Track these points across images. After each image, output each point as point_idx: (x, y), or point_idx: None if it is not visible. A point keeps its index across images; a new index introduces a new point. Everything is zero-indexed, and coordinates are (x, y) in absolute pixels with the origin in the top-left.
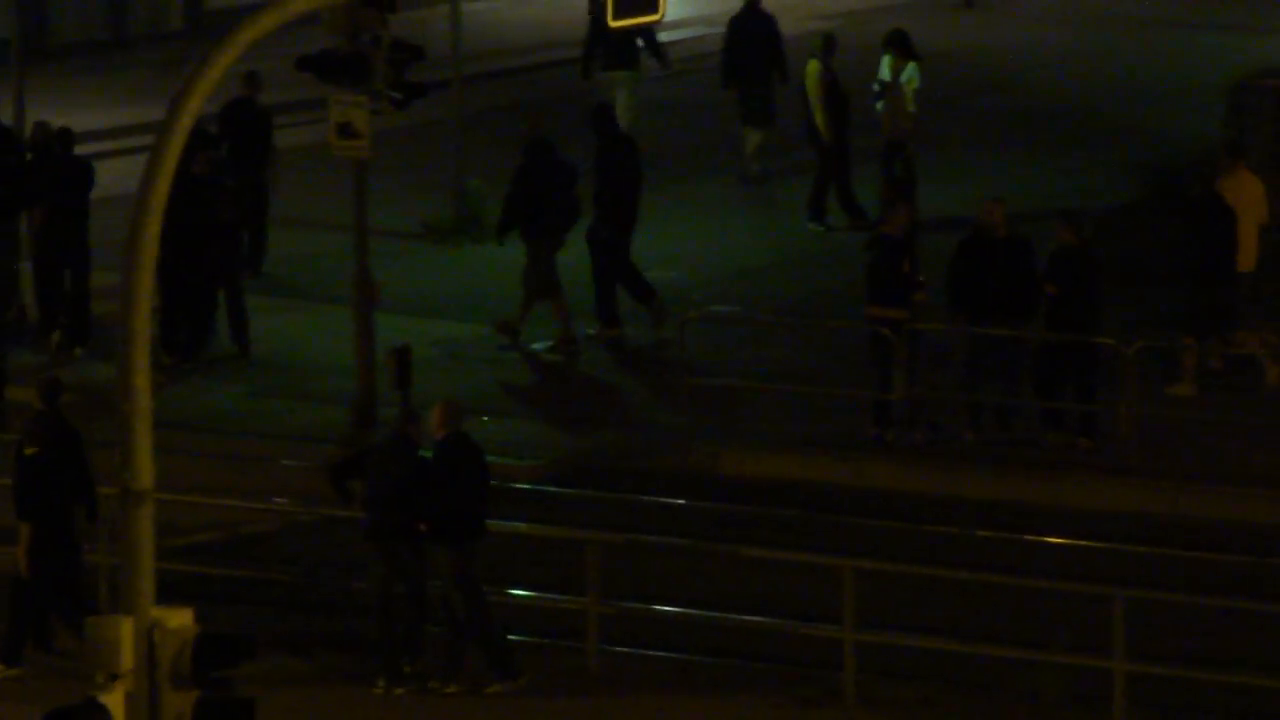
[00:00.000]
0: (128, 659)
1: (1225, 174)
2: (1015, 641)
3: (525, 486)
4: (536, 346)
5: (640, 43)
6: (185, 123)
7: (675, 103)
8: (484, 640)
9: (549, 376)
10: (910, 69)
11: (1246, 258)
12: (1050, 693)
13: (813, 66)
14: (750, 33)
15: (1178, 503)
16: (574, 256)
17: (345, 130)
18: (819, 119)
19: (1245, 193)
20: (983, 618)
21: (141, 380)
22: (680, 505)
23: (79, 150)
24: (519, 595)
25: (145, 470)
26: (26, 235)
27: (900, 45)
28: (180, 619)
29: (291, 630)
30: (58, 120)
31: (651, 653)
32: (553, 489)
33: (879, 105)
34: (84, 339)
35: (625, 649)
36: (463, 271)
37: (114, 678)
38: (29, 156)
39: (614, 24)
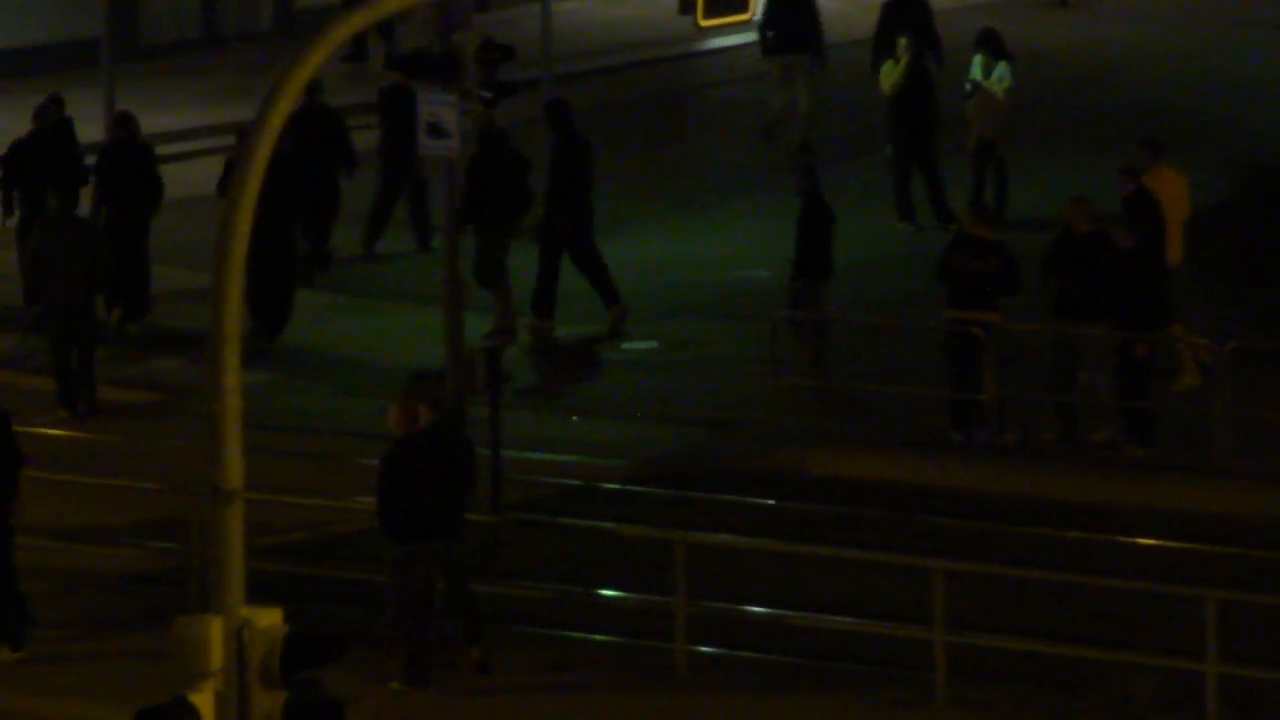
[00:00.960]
0: (217, 658)
1: (1148, 170)
2: (1106, 643)
3: (613, 486)
4: (630, 346)
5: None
6: (276, 122)
7: (763, 102)
8: (406, 641)
9: (637, 376)
10: (1002, 68)
11: (1174, 252)
12: (1142, 695)
13: (889, 65)
14: (902, 13)
15: (1270, 504)
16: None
17: (435, 129)
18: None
19: (1169, 188)
20: (1073, 619)
21: (230, 380)
22: (768, 505)
23: (169, 150)
24: (607, 595)
25: (235, 470)
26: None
27: (992, 44)
28: (270, 618)
29: (380, 630)
30: (147, 119)
31: (739, 653)
32: (641, 489)
33: (970, 104)
34: (140, 315)
35: (713, 649)
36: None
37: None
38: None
39: (704, 23)
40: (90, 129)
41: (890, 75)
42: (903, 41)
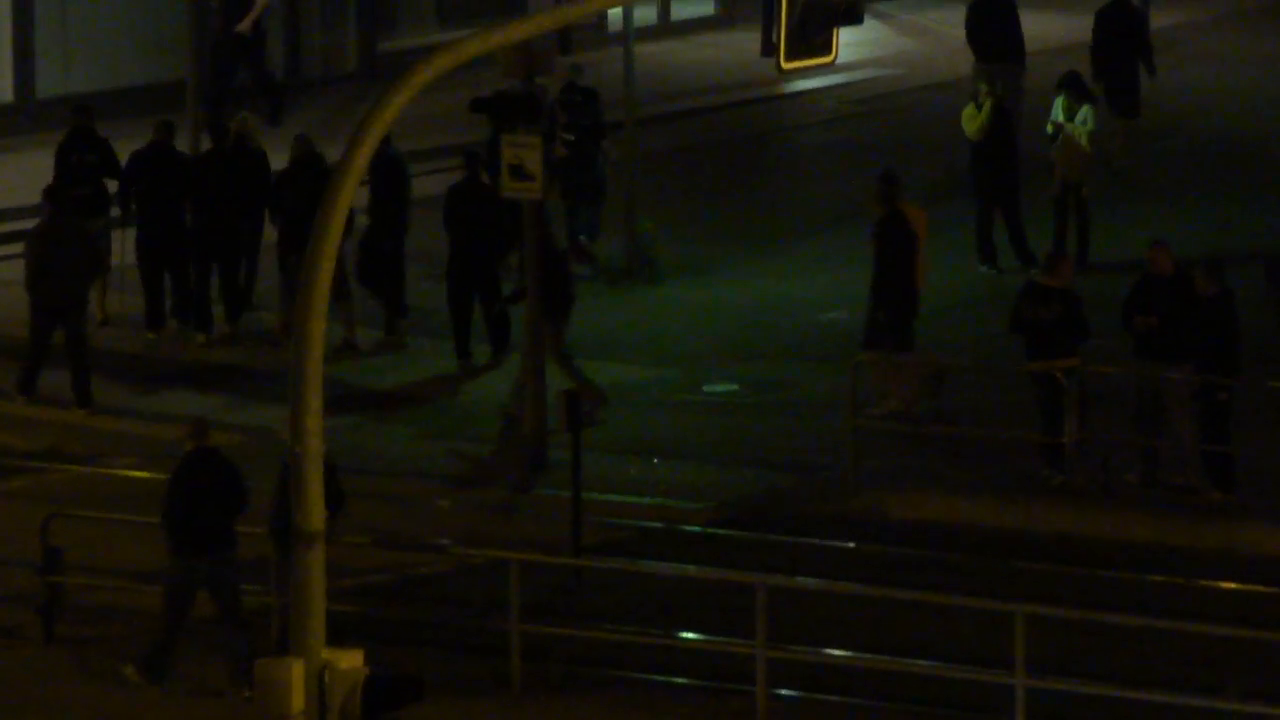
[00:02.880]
0: (299, 700)
1: (895, 200)
2: (1188, 688)
3: (694, 529)
4: (711, 388)
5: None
6: (360, 164)
7: (848, 144)
8: (160, 644)
9: (719, 418)
10: (1085, 111)
11: (922, 278)
12: None
13: (970, 109)
14: (1118, 25)
15: None
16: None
17: (517, 172)
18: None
19: (911, 218)
20: (1154, 664)
21: (313, 422)
22: (849, 548)
23: None
24: (687, 638)
25: (316, 511)
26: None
27: (1075, 87)
28: (350, 660)
29: (460, 671)
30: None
31: (819, 697)
32: (721, 532)
33: (1053, 148)
34: (207, 327)
35: (793, 693)
36: (634, 313)
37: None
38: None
39: (786, 66)
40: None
41: (974, 120)
42: (983, 87)
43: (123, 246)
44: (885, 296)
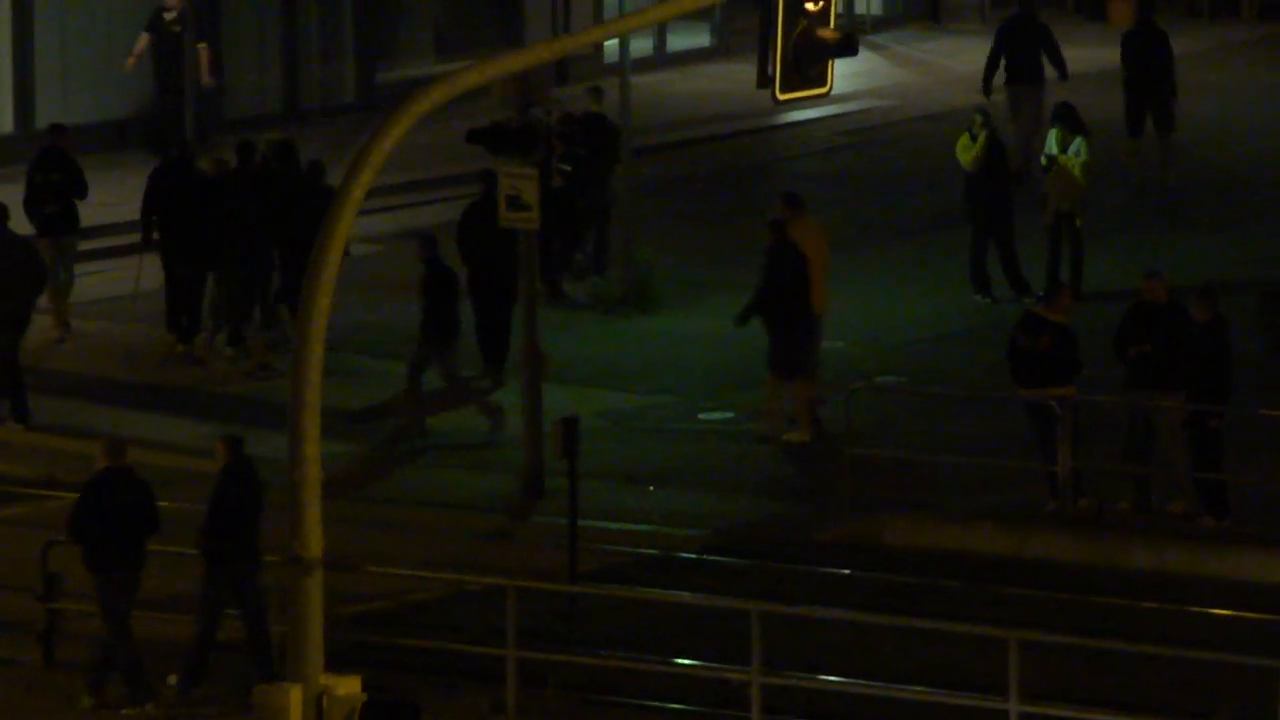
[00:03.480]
0: None
1: (791, 222)
2: (1181, 714)
3: (690, 556)
4: (707, 416)
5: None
6: (358, 194)
7: (843, 174)
8: (127, 667)
9: (714, 445)
10: (1078, 143)
11: (820, 300)
12: None
13: (965, 140)
14: (1145, 47)
15: None
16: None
17: (514, 202)
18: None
19: (811, 239)
20: (1148, 690)
21: (311, 450)
22: (844, 575)
23: None
24: (683, 664)
25: (314, 539)
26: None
27: (1068, 119)
28: (348, 686)
29: (457, 698)
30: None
31: None
32: (717, 558)
33: (1046, 179)
34: (237, 341)
35: (789, 719)
36: (631, 342)
37: None
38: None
39: (782, 97)
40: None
41: (968, 151)
42: (978, 118)
43: (139, 268)
44: (775, 320)
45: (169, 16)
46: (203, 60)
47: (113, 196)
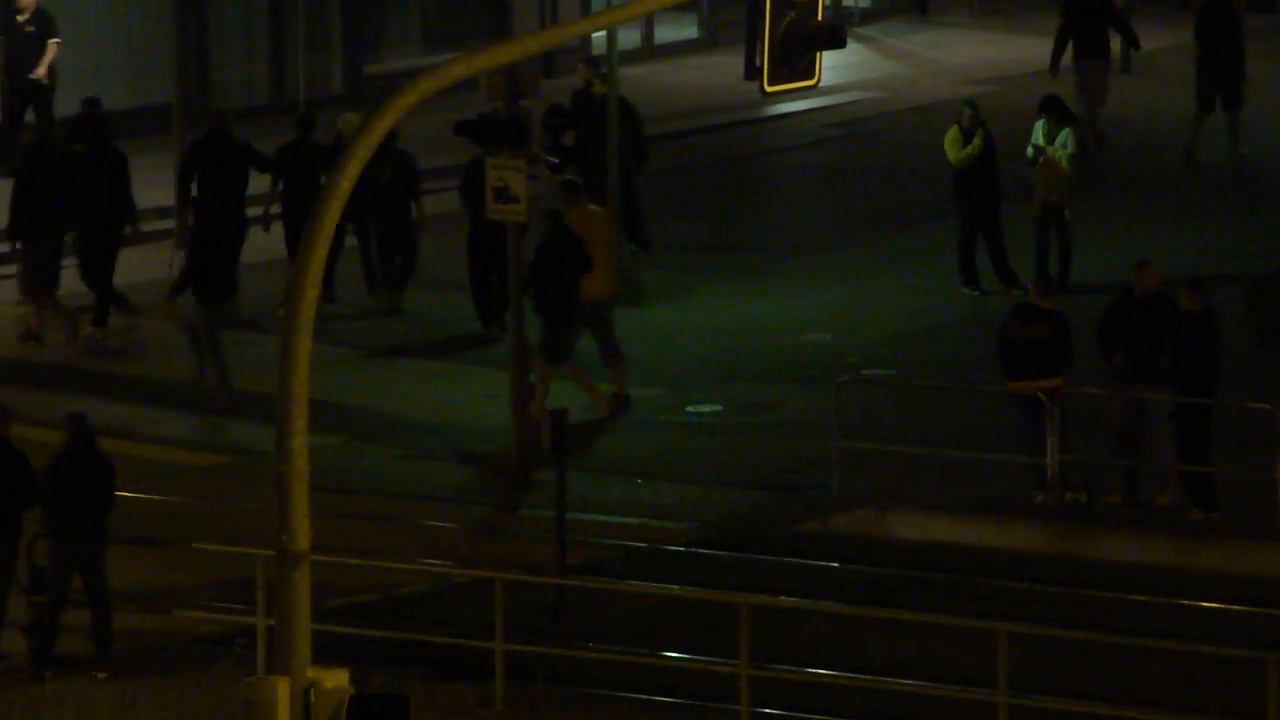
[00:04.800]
0: (284, 719)
1: (571, 210)
2: (1168, 707)
3: (678, 549)
4: (695, 409)
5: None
6: (346, 186)
7: (831, 166)
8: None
9: (702, 438)
10: (1065, 134)
11: (601, 287)
12: None
13: (954, 133)
14: (1220, 21)
15: None
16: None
17: (502, 194)
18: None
19: (593, 227)
20: (1136, 682)
21: (298, 442)
22: (832, 568)
23: None
24: (671, 657)
25: (302, 532)
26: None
27: (1056, 110)
28: (336, 680)
29: (445, 691)
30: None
31: (804, 716)
32: (705, 551)
33: (1034, 171)
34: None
35: (777, 712)
36: (618, 334)
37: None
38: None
39: (770, 89)
40: (163, 193)
41: (957, 144)
42: (966, 111)
43: (171, 263)
44: (545, 307)
45: (21, 19)
46: (49, 56)
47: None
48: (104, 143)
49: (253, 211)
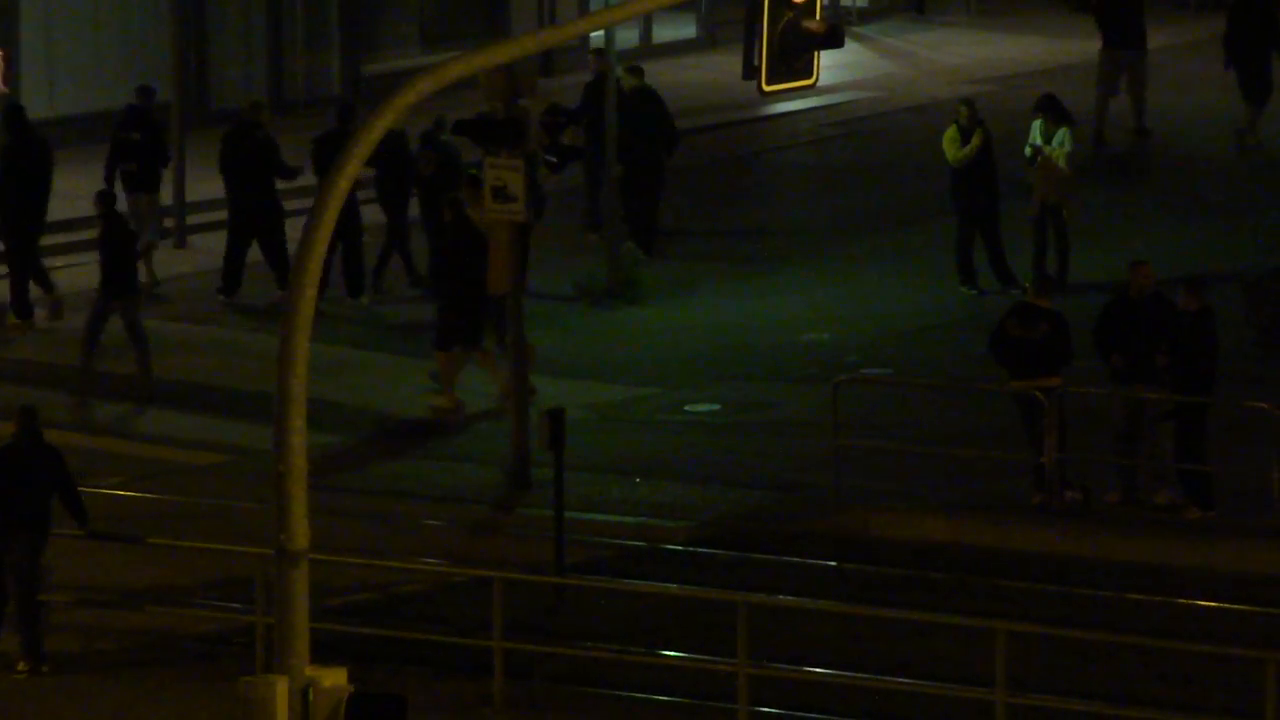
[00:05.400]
0: (282, 718)
1: (473, 203)
2: (1166, 705)
3: (676, 548)
4: (693, 408)
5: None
6: (344, 186)
7: (828, 166)
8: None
9: (700, 437)
10: (1062, 134)
11: (502, 281)
12: None
13: (952, 132)
14: (1251, 16)
15: None
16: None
17: (500, 194)
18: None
19: (494, 220)
20: (1133, 681)
21: (297, 441)
22: (830, 567)
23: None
24: (669, 656)
25: (300, 531)
26: None
27: (1052, 110)
28: (334, 678)
29: (443, 690)
30: (215, 183)
31: (802, 715)
32: (703, 550)
33: (1031, 170)
34: (358, 290)
35: (775, 711)
36: (616, 334)
37: None
38: None
39: (768, 88)
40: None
41: (955, 143)
42: (964, 110)
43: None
44: (443, 295)
45: None
46: None
47: (98, 188)
48: (28, 136)
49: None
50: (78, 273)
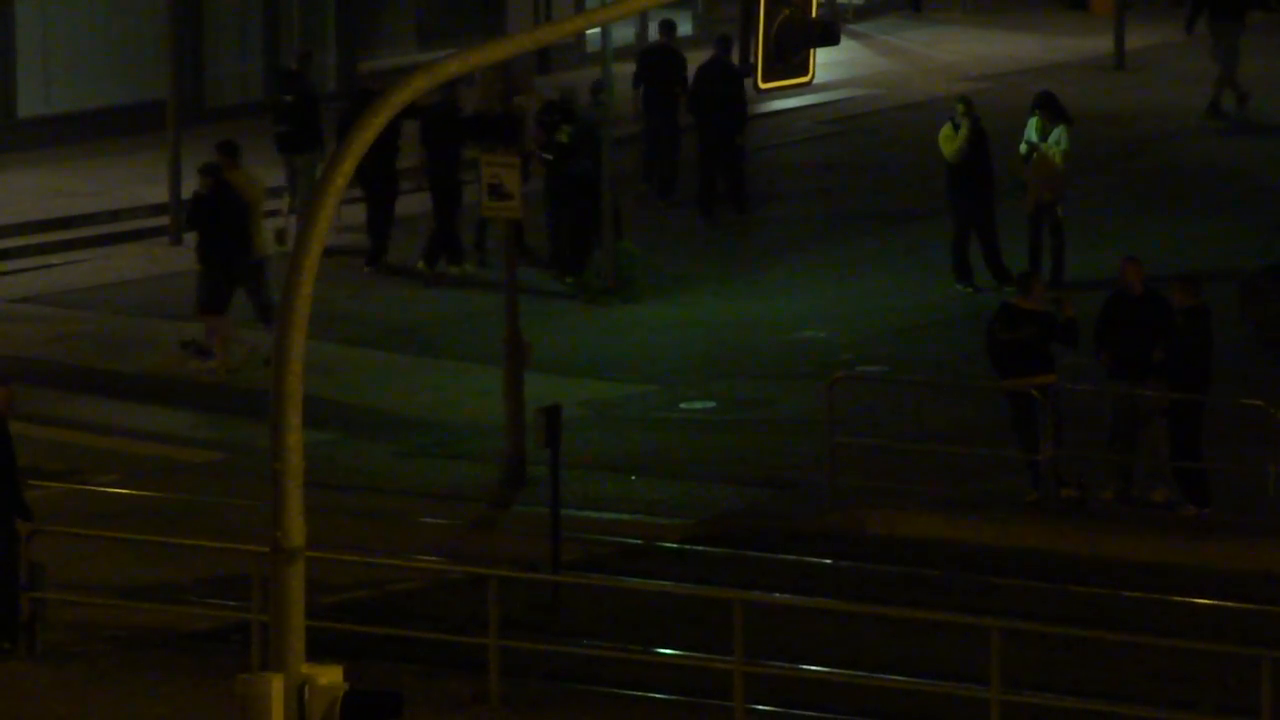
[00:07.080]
0: (278, 715)
1: (229, 170)
2: (1162, 703)
3: (672, 545)
4: (689, 405)
5: None
6: (340, 184)
7: (824, 163)
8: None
9: (696, 435)
10: (1059, 131)
11: (262, 244)
12: None
13: (948, 130)
14: None
15: None
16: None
17: (496, 191)
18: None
19: (248, 188)
20: (1129, 679)
21: (293, 439)
22: (826, 565)
23: None
24: (665, 654)
25: (296, 528)
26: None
27: (1049, 107)
28: (330, 676)
29: (439, 687)
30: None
31: (798, 713)
32: (699, 548)
33: (1027, 168)
34: (433, 261)
35: (771, 709)
36: (613, 331)
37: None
38: None
39: (764, 86)
40: (157, 190)
41: (951, 141)
42: (960, 107)
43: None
44: (211, 261)
45: None
46: None
47: (95, 186)
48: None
49: None
50: (78, 271)
